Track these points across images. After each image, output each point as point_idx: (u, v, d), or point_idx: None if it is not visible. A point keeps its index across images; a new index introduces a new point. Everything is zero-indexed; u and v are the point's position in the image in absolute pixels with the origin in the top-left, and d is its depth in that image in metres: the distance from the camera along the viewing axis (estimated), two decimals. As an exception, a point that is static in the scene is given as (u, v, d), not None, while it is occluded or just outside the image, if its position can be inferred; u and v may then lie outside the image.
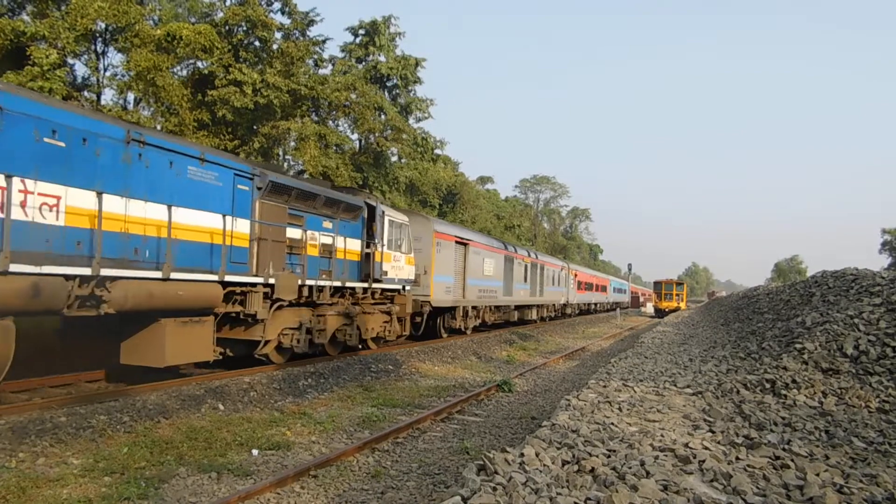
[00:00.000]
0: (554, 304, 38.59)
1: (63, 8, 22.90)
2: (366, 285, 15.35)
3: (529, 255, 32.81)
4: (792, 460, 5.66)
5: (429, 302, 19.25)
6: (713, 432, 6.82)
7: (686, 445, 6.02)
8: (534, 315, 33.44)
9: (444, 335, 21.70)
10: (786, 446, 6.21)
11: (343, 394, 12.11)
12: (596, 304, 57.50)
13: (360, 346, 15.71)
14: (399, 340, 18.71)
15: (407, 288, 17.58)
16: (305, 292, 12.81)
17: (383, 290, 16.31)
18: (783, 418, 7.62)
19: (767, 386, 9.30)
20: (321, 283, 13.46)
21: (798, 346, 10.98)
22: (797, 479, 5.10)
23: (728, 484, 4.86)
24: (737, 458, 5.74)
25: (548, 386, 14.81)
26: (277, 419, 9.71)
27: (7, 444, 7.07)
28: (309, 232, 13.28)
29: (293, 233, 12.93)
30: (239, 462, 7.48)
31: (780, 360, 10.52)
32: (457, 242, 21.75)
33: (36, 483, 6.26)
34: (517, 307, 30.18)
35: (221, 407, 9.91)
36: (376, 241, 15.71)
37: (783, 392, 8.97)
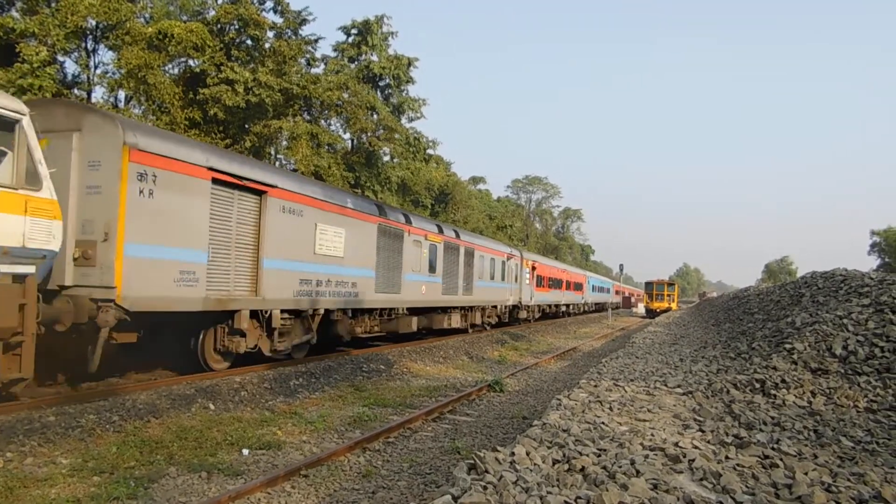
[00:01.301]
0: (495, 306, 28.01)
1: (53, 5, 22.75)
2: None
3: (441, 232, 21.24)
4: (781, 459, 5.69)
5: (112, 302, 9.00)
6: (703, 432, 6.84)
7: (676, 445, 6.05)
8: (454, 322, 22.10)
9: (217, 367, 11.96)
10: (775, 445, 6.25)
11: (334, 393, 12.09)
12: (568, 306, 47.11)
13: None
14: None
15: (11, 270, 7.85)
16: None
17: None
18: (772, 418, 7.66)
19: (757, 386, 9.35)
20: None
21: (788, 346, 11.04)
22: (786, 477, 5.13)
23: (717, 483, 4.89)
24: (726, 458, 5.76)
25: (539, 386, 14.84)
26: (268, 419, 9.68)
27: (-5, 444, 7.02)
28: None
29: None
30: (229, 462, 7.46)
31: (769, 360, 10.58)
32: (228, 184, 11.24)
33: (24, 483, 6.22)
34: (417, 310, 19.65)
35: (212, 406, 9.87)
36: None
37: (773, 392, 9.02)
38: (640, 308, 66.60)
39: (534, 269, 34.69)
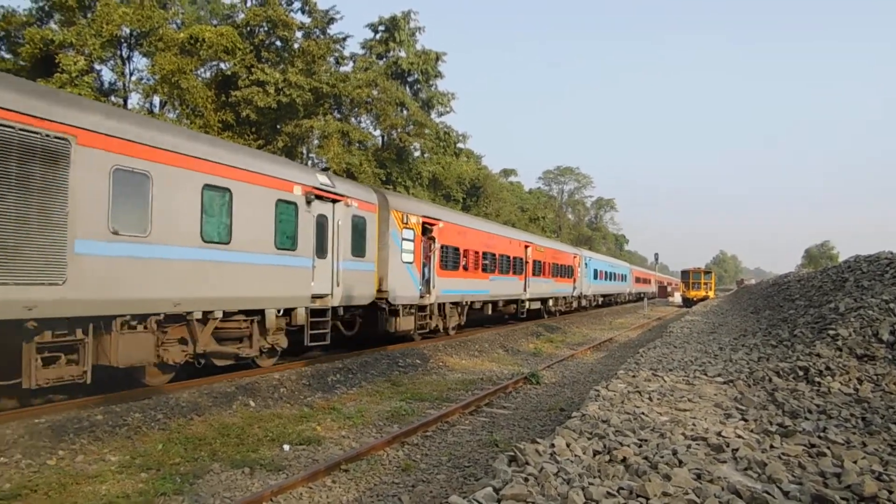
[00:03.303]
0: (254, 315, 11.63)
1: (89, 15, 23.31)
2: None
3: None
4: (828, 448, 5.56)
5: None
6: (746, 421, 6.72)
7: (718, 434, 5.95)
8: None
9: None
10: (821, 434, 6.11)
11: (371, 388, 12.19)
12: (546, 302, 31.11)
13: None
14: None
15: None
16: None
17: None
18: (818, 406, 7.48)
19: (800, 373, 9.14)
20: None
21: (831, 332, 10.77)
22: (834, 466, 5.01)
23: (763, 472, 4.80)
24: (771, 447, 5.65)
25: (576, 377, 14.74)
26: (307, 414, 9.80)
27: (47, 442, 7.26)
28: None
29: None
30: (271, 457, 7.58)
31: (813, 347, 10.34)
32: None
33: (76, 480, 6.41)
34: None
35: (252, 403, 10.04)
36: None
37: (817, 379, 8.80)
38: (677, 297, 65.65)
39: (426, 229, 18.17)
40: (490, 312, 24.19)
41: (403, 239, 16.65)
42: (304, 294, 12.65)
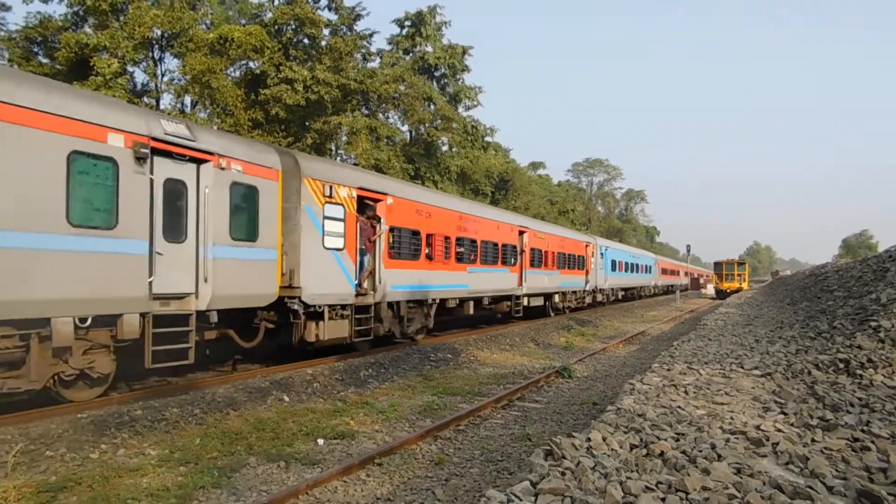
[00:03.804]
0: None
1: (122, 18, 23.75)
2: None
3: None
4: (872, 442, 5.42)
5: None
6: (785, 414, 6.59)
7: (758, 428, 5.85)
8: None
9: None
10: (864, 428, 5.95)
11: (403, 383, 12.23)
12: (550, 297, 27.10)
13: None
14: None
15: None
16: None
17: None
18: (860, 399, 7.29)
19: (841, 366, 8.93)
20: None
21: (873, 323, 10.50)
22: (879, 461, 4.88)
23: (805, 466, 4.70)
24: (812, 441, 5.53)
25: (608, 371, 14.61)
26: (341, 409, 9.89)
27: (90, 437, 7.43)
28: None
29: None
30: (306, 451, 7.66)
31: (853, 339, 10.09)
32: None
33: (118, 473, 6.56)
34: None
35: (286, 398, 10.15)
36: None
37: (858, 372, 8.59)
38: (710, 289, 64.59)
39: (364, 206, 14.07)
40: (472, 311, 19.56)
41: (326, 218, 12.39)
42: (135, 294, 8.60)
